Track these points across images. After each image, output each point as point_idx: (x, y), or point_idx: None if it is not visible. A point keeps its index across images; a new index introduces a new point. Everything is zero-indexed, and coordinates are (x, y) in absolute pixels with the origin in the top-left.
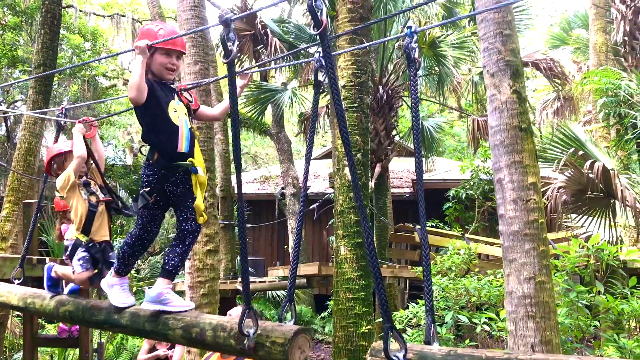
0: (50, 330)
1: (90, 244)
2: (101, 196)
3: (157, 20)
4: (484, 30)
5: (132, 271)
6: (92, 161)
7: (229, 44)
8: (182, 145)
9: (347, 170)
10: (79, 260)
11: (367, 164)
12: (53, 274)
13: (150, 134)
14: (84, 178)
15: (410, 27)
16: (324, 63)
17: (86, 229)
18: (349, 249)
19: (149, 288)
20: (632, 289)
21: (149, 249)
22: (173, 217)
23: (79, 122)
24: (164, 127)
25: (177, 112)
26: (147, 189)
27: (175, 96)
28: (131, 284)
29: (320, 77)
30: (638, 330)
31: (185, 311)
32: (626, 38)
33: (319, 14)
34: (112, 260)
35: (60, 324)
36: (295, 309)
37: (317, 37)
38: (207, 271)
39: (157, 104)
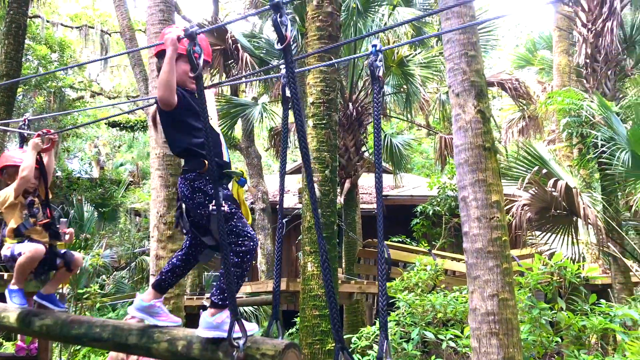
0: (8, 348)
1: (27, 240)
2: (41, 217)
3: (128, 31)
4: (450, 51)
5: (96, 286)
6: (42, 177)
7: (194, 56)
8: (225, 154)
9: (315, 186)
10: (21, 247)
11: (335, 180)
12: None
13: (193, 139)
14: (30, 197)
15: (375, 46)
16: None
17: (19, 235)
18: (316, 265)
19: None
20: (593, 305)
21: (119, 262)
22: (140, 230)
23: (37, 135)
24: (206, 132)
25: (212, 119)
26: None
27: None
28: (94, 300)
29: (288, 93)
30: (598, 346)
31: (173, 327)
32: (587, 60)
33: (283, 29)
34: (71, 252)
35: (19, 342)
36: (281, 327)
37: (282, 51)
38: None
39: (191, 110)
